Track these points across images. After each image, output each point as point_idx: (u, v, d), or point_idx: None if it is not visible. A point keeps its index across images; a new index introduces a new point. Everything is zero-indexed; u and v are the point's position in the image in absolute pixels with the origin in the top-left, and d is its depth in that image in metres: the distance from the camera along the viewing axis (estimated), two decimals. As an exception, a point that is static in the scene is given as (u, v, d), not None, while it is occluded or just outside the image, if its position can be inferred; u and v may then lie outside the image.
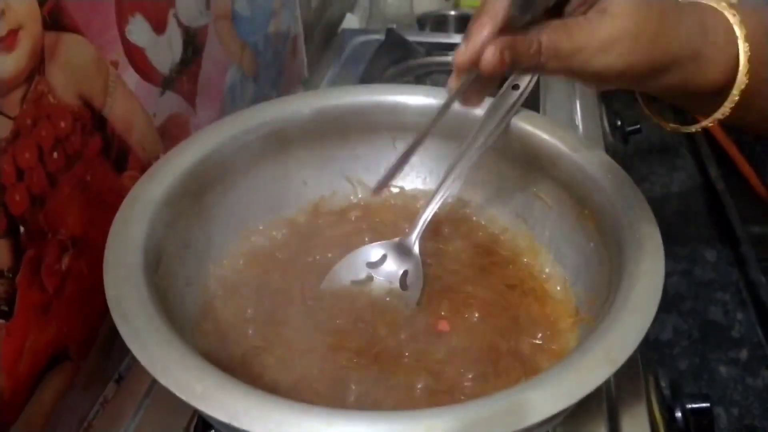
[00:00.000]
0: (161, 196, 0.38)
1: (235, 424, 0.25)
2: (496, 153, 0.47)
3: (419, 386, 0.36)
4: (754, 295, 0.68)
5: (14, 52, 0.35)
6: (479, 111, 0.45)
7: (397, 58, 0.78)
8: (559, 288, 0.43)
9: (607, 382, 0.44)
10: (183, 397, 0.26)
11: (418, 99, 0.48)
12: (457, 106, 0.46)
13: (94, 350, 0.46)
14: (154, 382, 0.45)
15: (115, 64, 0.45)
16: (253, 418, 0.25)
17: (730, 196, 0.80)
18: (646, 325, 0.30)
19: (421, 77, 0.74)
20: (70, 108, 0.40)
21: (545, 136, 0.44)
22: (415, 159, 0.51)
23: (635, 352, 0.30)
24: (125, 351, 0.48)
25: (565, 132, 0.44)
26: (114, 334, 0.47)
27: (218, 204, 0.44)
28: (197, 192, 0.42)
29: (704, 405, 0.44)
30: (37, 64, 0.37)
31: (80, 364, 0.44)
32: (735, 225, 0.75)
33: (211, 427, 0.39)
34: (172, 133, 0.53)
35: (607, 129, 0.76)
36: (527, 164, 0.46)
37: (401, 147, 0.51)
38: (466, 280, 0.43)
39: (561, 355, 0.38)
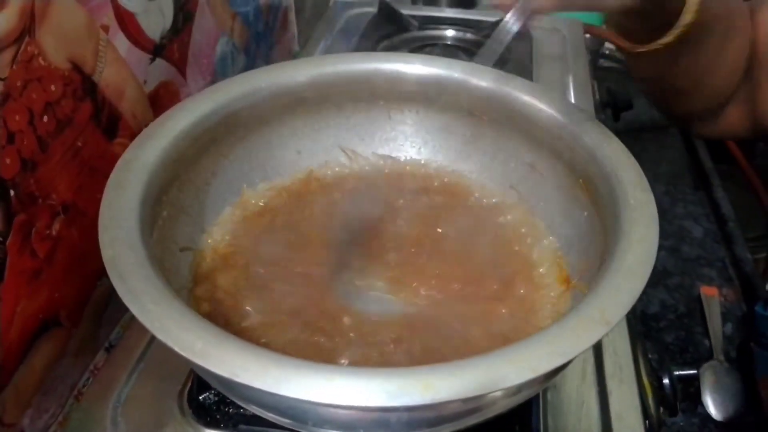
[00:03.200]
0: (155, 160, 0.37)
1: (236, 379, 0.25)
2: (492, 123, 0.47)
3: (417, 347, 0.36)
4: (739, 272, 0.69)
5: (4, 11, 0.35)
6: (483, 83, 0.45)
7: (389, 31, 0.77)
8: (551, 257, 0.43)
9: (597, 350, 0.45)
10: (183, 353, 0.26)
11: (416, 68, 0.47)
12: (456, 74, 0.47)
13: (86, 318, 0.45)
14: (146, 349, 0.45)
15: (106, 29, 0.44)
16: (253, 374, 0.25)
17: (718, 174, 0.81)
18: (640, 287, 0.31)
19: (414, 51, 0.73)
20: (60, 72, 0.40)
21: (542, 106, 0.44)
22: (409, 129, 0.51)
23: (626, 317, 0.30)
24: (116, 319, 0.48)
25: (562, 102, 0.44)
26: (105, 301, 0.47)
27: (211, 170, 0.44)
28: (190, 157, 0.41)
29: (692, 372, 0.45)
30: (27, 25, 0.37)
31: (71, 331, 0.44)
32: (722, 203, 0.76)
33: (206, 390, 0.39)
34: (162, 102, 0.52)
35: (599, 105, 0.77)
36: (523, 134, 0.46)
37: (397, 118, 0.50)
38: (457, 247, 0.43)
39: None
